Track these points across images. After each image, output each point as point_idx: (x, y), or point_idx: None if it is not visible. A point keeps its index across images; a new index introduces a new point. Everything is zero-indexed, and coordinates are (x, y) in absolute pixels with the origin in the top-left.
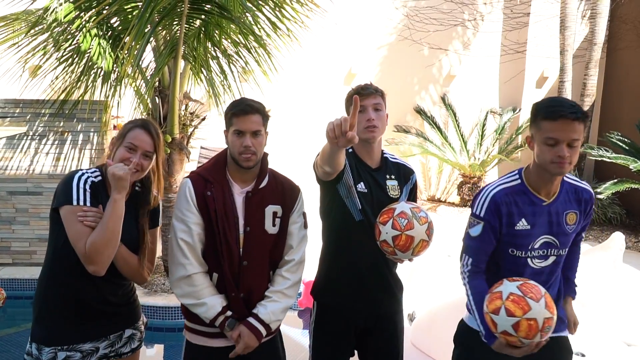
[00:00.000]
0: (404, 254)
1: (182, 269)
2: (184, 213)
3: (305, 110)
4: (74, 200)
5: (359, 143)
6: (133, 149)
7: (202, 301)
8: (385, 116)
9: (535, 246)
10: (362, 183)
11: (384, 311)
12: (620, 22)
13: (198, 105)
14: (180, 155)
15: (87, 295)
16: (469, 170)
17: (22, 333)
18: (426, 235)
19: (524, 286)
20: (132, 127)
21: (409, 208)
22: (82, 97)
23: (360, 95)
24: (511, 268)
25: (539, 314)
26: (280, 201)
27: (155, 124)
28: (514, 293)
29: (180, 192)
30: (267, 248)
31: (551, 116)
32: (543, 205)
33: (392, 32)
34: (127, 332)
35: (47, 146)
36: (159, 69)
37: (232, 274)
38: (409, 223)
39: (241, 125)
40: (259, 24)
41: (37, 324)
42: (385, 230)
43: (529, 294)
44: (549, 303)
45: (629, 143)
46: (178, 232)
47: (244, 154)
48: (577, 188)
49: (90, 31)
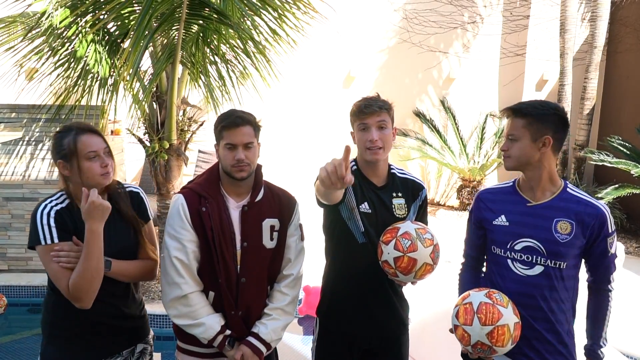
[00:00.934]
0: (405, 277)
1: (177, 289)
2: (178, 230)
3: (305, 114)
4: (41, 240)
5: (363, 161)
6: (95, 156)
7: (199, 321)
8: (392, 132)
9: (516, 247)
10: (366, 203)
11: (388, 334)
12: (620, 25)
13: (196, 111)
14: (178, 161)
15: (101, 312)
16: (468, 174)
17: (19, 341)
18: (430, 259)
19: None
20: (74, 137)
21: (414, 229)
22: (79, 102)
23: (363, 112)
24: (495, 268)
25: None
26: (277, 214)
27: (88, 124)
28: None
29: (173, 208)
30: (265, 263)
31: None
32: (527, 205)
33: (392, 35)
34: (139, 347)
35: (43, 152)
36: (157, 74)
37: (229, 291)
38: (412, 245)
39: (232, 139)
40: (258, 29)
41: (50, 345)
42: (387, 250)
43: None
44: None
45: (630, 147)
46: (172, 251)
47: (237, 166)
48: (580, 200)
49: (86, 37)
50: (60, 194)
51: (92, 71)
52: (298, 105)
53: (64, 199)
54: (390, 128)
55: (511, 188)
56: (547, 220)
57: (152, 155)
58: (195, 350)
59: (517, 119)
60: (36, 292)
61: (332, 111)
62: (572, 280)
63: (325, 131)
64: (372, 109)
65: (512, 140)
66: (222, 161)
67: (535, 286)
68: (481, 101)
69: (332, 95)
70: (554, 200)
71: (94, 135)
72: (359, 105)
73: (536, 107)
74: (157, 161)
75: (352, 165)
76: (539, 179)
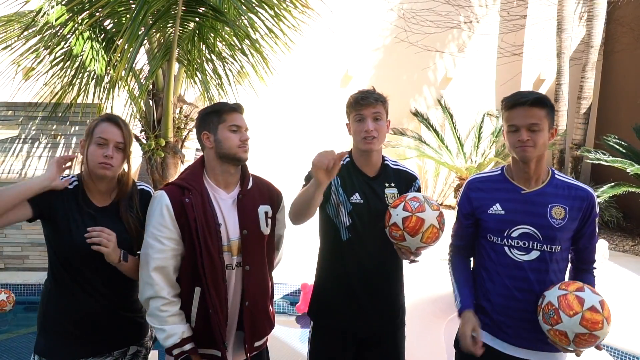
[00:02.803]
0: (412, 239)
1: (150, 289)
2: (158, 228)
3: (302, 113)
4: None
5: (357, 152)
6: (104, 144)
7: (163, 327)
8: (387, 124)
9: (513, 234)
10: (357, 194)
11: (380, 329)
12: (617, 24)
13: (193, 109)
14: (174, 159)
15: (97, 307)
16: (465, 173)
17: (14, 339)
18: (437, 222)
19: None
20: (98, 122)
21: (422, 195)
22: (75, 100)
23: (360, 104)
24: (491, 256)
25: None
26: (268, 201)
27: (120, 117)
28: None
29: (154, 205)
30: (264, 249)
31: (509, 106)
32: (521, 193)
33: (389, 34)
34: (132, 349)
35: (40, 149)
36: (153, 71)
37: (214, 286)
38: (420, 206)
39: (238, 121)
40: (254, 26)
41: (41, 336)
42: (395, 212)
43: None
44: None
45: (626, 146)
46: (150, 252)
47: (243, 147)
48: (570, 185)
49: (82, 34)
50: (72, 176)
51: (88, 69)
52: (297, 104)
53: (74, 181)
54: (385, 120)
55: (500, 176)
56: (541, 207)
57: (148, 152)
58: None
59: (538, 108)
60: (32, 291)
61: (331, 110)
62: (564, 262)
63: (323, 130)
64: (368, 100)
65: (534, 131)
66: (223, 144)
67: (532, 270)
68: (478, 100)
69: (330, 94)
70: (546, 187)
71: (114, 126)
72: (355, 97)
73: (546, 98)
74: (154, 159)
75: (346, 157)
76: (541, 168)
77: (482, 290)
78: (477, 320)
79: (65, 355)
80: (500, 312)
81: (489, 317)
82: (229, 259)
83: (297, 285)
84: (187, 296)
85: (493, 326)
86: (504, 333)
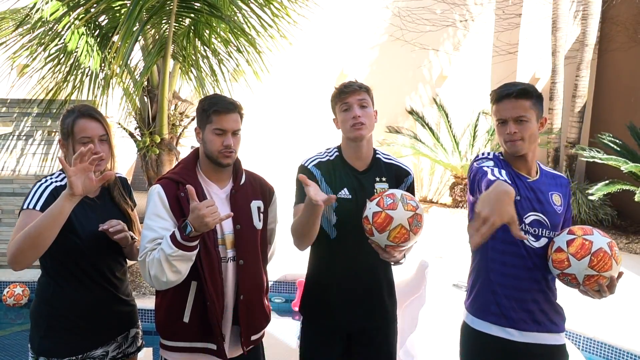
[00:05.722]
0: (379, 235)
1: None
2: (154, 219)
3: (298, 111)
4: (26, 204)
5: (346, 143)
6: (88, 142)
7: (162, 241)
8: (374, 113)
9: (526, 221)
10: (346, 189)
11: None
12: (611, 23)
13: (188, 105)
14: (169, 156)
15: (100, 297)
16: (461, 171)
17: (8, 337)
18: (407, 223)
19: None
20: (75, 119)
21: (401, 193)
22: (70, 96)
23: (344, 92)
24: (507, 239)
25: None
26: (260, 196)
27: (92, 107)
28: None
29: (150, 198)
30: (257, 244)
31: (496, 99)
32: (528, 181)
33: (384, 33)
34: (132, 332)
35: (34, 146)
36: (148, 68)
37: (211, 279)
38: (393, 203)
39: (223, 124)
40: (249, 22)
41: (47, 337)
42: (369, 206)
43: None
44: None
45: (621, 144)
46: (147, 244)
47: (224, 152)
48: (554, 175)
49: (77, 30)
50: (60, 173)
51: (82, 65)
52: (292, 103)
53: (63, 178)
54: (372, 108)
55: (504, 163)
56: (545, 194)
57: (143, 149)
58: (180, 345)
59: (523, 100)
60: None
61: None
62: None
63: (318, 128)
64: (352, 87)
65: (521, 122)
66: (207, 145)
67: (542, 257)
68: (473, 99)
69: (325, 92)
70: (541, 176)
71: (92, 120)
72: (339, 87)
73: (532, 88)
74: (149, 156)
75: (334, 151)
76: (533, 159)
77: (487, 281)
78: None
79: (77, 350)
80: (508, 295)
81: (496, 305)
82: (224, 252)
83: (292, 283)
84: (182, 290)
85: (500, 315)
86: (510, 320)
